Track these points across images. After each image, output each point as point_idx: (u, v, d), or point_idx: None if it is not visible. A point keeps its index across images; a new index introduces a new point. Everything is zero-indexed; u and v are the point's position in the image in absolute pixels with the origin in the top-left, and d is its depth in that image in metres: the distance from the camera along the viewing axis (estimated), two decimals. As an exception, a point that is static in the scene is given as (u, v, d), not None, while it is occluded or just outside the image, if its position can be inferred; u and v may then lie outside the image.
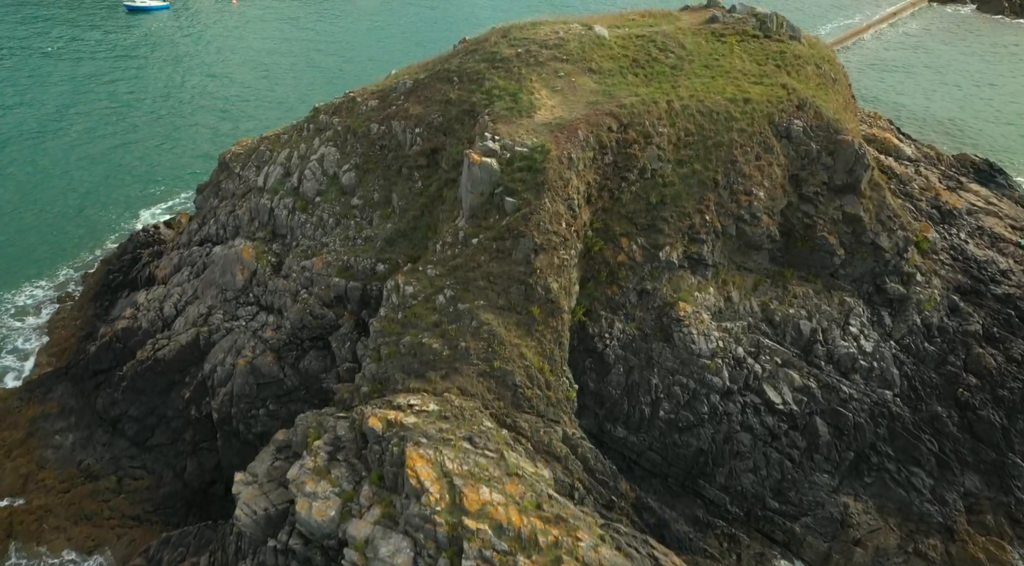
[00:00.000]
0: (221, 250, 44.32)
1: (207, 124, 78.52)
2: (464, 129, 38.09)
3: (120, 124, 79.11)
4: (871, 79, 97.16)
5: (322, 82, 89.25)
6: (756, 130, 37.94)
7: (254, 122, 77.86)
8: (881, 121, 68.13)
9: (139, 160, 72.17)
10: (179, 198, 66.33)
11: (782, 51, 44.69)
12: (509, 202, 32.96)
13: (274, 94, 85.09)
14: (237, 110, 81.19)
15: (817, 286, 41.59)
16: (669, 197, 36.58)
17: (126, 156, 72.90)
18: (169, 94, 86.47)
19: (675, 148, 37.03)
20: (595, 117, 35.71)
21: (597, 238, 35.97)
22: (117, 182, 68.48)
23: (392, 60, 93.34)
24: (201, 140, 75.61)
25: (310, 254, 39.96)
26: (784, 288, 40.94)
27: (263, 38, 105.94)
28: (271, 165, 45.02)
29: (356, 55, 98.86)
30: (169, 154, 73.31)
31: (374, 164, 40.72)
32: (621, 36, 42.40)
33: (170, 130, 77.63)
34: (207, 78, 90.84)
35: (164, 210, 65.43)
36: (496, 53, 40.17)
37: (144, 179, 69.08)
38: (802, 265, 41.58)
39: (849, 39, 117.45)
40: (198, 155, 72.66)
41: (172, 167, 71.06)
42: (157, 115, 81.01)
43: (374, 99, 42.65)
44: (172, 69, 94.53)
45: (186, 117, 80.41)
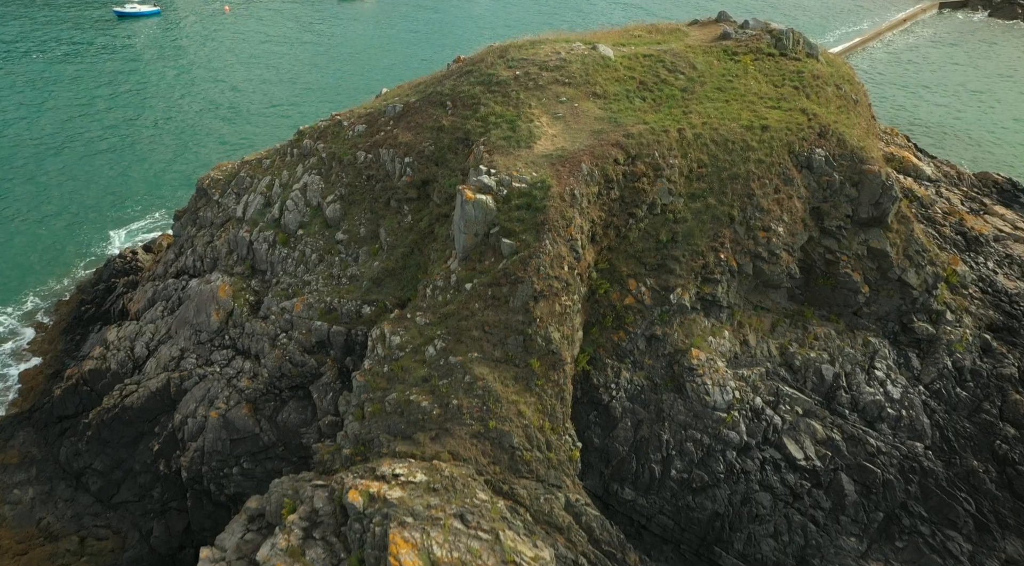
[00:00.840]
0: (197, 284, 41.61)
1: (194, 140, 75.96)
2: (457, 159, 35.40)
3: (100, 138, 76.58)
4: (881, 89, 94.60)
5: (314, 94, 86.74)
6: (775, 161, 35.23)
7: (242, 137, 75.31)
8: (898, 138, 65.43)
9: (120, 176, 69.59)
10: (161, 217, 63.64)
11: (799, 71, 42.02)
12: (506, 244, 30.24)
13: (264, 107, 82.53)
14: (226, 124, 78.59)
15: (839, 326, 38.90)
16: (681, 234, 33.86)
17: (106, 172, 70.34)
18: (155, 107, 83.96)
19: (687, 181, 34.32)
20: (600, 148, 33.00)
21: (602, 280, 33.25)
22: (95, 200, 65.90)
23: (388, 70, 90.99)
24: (187, 156, 73.07)
25: (291, 293, 37.22)
26: (804, 329, 38.25)
27: (255, 48, 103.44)
28: (251, 193, 42.31)
29: (350, 67, 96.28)
30: (152, 170, 70.75)
31: (360, 195, 38.01)
32: (627, 56, 39.72)
33: (154, 145, 75.09)
34: (195, 90, 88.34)
35: (147, 226, 62.88)
36: (492, 75, 37.49)
37: (125, 197, 66.51)
38: (823, 303, 38.89)
39: (858, 47, 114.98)
40: (183, 172, 70.06)
41: (155, 184, 68.47)
42: (141, 129, 78.47)
43: (361, 123, 39.96)
44: (159, 80, 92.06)
45: (172, 132, 77.87)
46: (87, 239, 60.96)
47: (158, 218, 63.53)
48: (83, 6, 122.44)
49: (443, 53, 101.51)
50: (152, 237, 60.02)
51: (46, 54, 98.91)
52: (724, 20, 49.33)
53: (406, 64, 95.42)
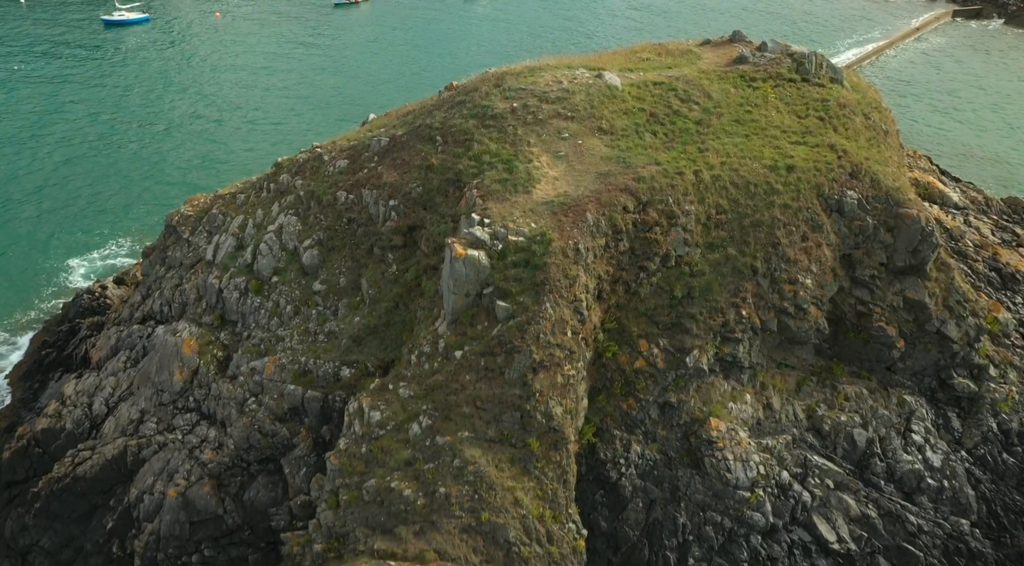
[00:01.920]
0: (164, 333, 38.26)
1: (175, 158, 72.56)
2: (448, 203, 32.08)
3: (75, 154, 73.30)
4: (895, 102, 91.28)
5: (301, 113, 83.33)
6: (802, 205, 31.91)
7: (224, 157, 72.03)
8: (921, 160, 62.11)
9: (96, 196, 66.14)
10: (137, 241, 60.19)
11: (824, 99, 38.74)
12: (501, 307, 26.88)
13: (249, 126, 79.23)
14: (208, 144, 75.21)
15: (871, 383, 35.55)
16: (698, 289, 30.51)
17: (83, 191, 66.93)
18: (136, 121, 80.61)
19: (704, 229, 30.98)
20: (607, 194, 29.68)
21: (610, 342, 29.92)
22: (70, 222, 62.62)
23: (379, 87, 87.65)
24: (168, 175, 69.64)
25: (263, 350, 33.84)
26: (833, 388, 34.89)
27: (243, 59, 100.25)
28: (223, 234, 38.97)
29: (340, 80, 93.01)
30: (132, 190, 67.29)
31: (340, 241, 34.68)
32: (636, 85, 36.42)
33: (134, 163, 71.69)
34: (179, 105, 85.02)
35: (125, 249, 59.53)
36: (487, 107, 34.19)
37: (100, 219, 63.13)
38: (853, 358, 35.55)
39: (871, 57, 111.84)
40: (163, 193, 66.60)
41: (135, 205, 64.98)
42: (120, 146, 75.13)
43: (343, 158, 36.64)
44: (141, 93, 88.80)
45: (153, 149, 74.46)
46: (58, 265, 57.72)
47: (134, 242, 60.15)
48: (69, 13, 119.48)
49: (439, 63, 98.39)
50: (129, 264, 56.62)
51: (27, 63, 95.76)
52: (739, 41, 46.05)
53: (398, 79, 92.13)
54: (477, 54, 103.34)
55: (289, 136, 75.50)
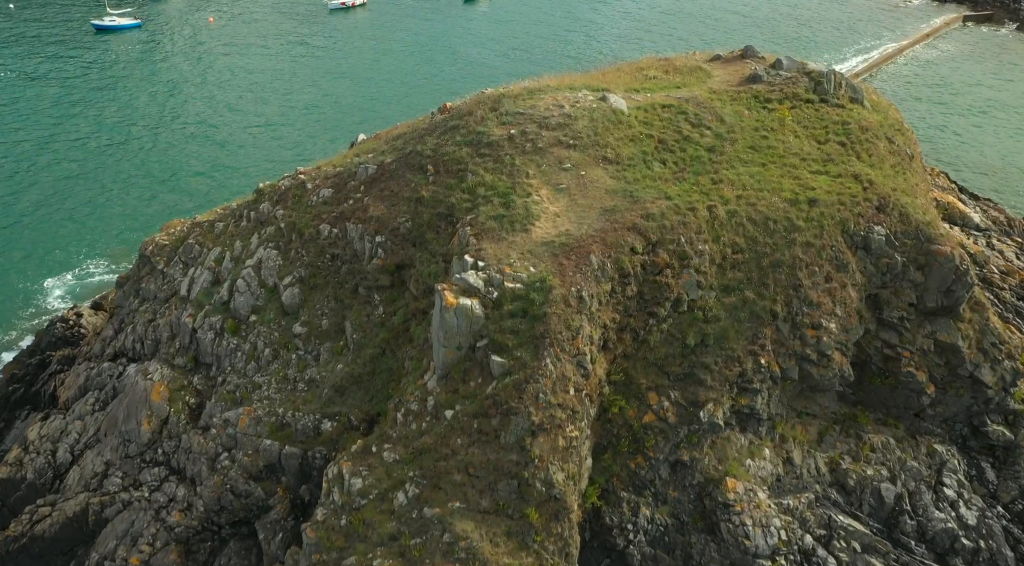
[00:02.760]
0: (135, 373, 35.82)
1: (164, 173, 70.01)
2: (439, 240, 29.62)
3: (60, 167, 70.80)
4: (907, 111, 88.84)
5: (297, 123, 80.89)
6: (826, 243, 29.43)
7: (212, 173, 69.51)
8: (940, 178, 59.64)
9: (76, 212, 63.65)
10: (118, 263, 57.73)
11: (845, 122, 36.32)
12: (496, 363, 24.39)
13: (242, 138, 76.59)
14: (195, 159, 72.67)
15: (899, 431, 33.09)
16: (712, 337, 28.03)
17: (62, 206, 64.50)
18: (121, 133, 78.16)
19: (720, 271, 28.50)
20: (613, 233, 27.21)
21: (616, 395, 27.41)
22: (47, 241, 60.16)
23: (372, 101, 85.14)
24: (155, 192, 67.04)
25: (238, 398, 31.35)
26: (858, 437, 32.42)
27: (236, 68, 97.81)
28: (199, 267, 36.50)
29: (338, 90, 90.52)
30: (115, 206, 64.79)
31: (323, 279, 32.20)
32: (643, 108, 33.98)
33: (117, 178, 69.15)
34: (167, 115, 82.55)
35: (106, 269, 57.08)
36: (483, 134, 31.74)
37: (79, 238, 60.67)
38: (878, 404, 33.08)
39: (880, 64, 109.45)
40: (148, 212, 64.05)
41: (117, 224, 62.45)
42: (104, 158, 72.60)
43: (328, 187, 34.19)
44: (129, 102, 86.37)
45: (137, 162, 71.96)
46: (34, 286, 55.37)
47: (115, 262, 57.66)
48: (60, 17, 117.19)
49: (436, 70, 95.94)
50: (109, 283, 54.04)
51: (12, 71, 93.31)
52: (751, 57, 43.66)
53: (393, 90, 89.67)
54: (477, 60, 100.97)
55: (278, 152, 73.13)
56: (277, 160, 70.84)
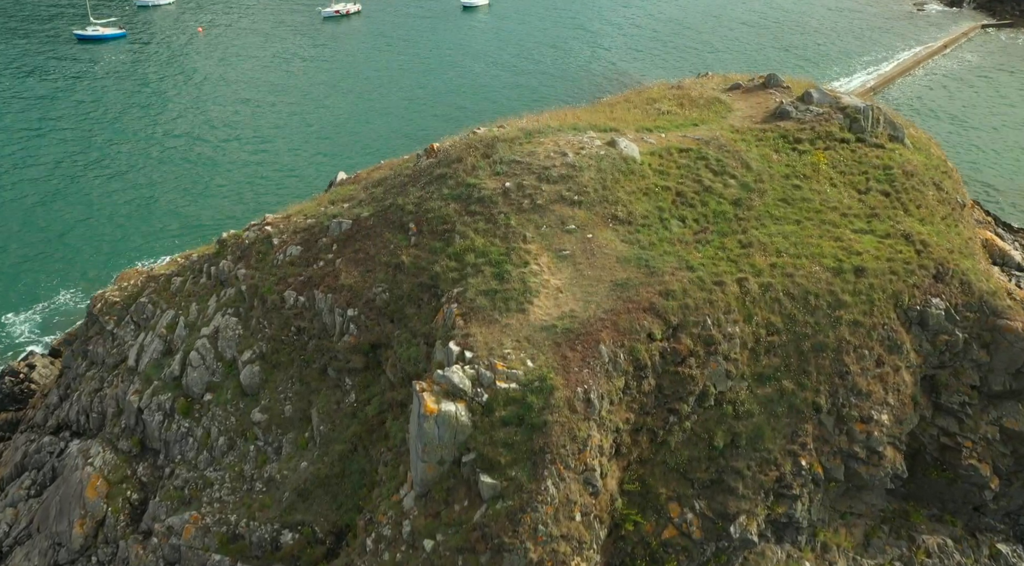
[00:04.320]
0: (76, 454, 31.70)
1: (138, 198, 65.67)
2: (421, 317, 25.44)
3: (32, 189, 66.54)
4: (928, 127, 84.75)
5: (287, 141, 76.44)
6: (877, 321, 25.26)
7: (191, 201, 65.27)
8: (976, 211, 55.43)
9: (42, 240, 59.41)
10: (83, 296, 53.51)
11: (887, 166, 32.27)
12: (486, 485, 20.17)
13: (222, 164, 72.22)
14: (175, 183, 68.17)
15: (956, 529, 28.91)
16: (745, 436, 23.84)
17: (27, 232, 60.30)
18: (99, 153, 73.90)
19: (752, 356, 24.31)
20: (627, 316, 23.02)
21: (630, 508, 23.14)
22: (9, 271, 55.91)
23: (361, 128, 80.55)
24: (136, 216, 62.76)
25: (187, 496, 27.16)
26: (910, 539, 28.23)
27: (220, 82, 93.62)
28: (149, 333, 32.32)
29: (331, 105, 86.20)
30: (85, 233, 60.44)
31: (287, 356, 28.07)
32: (657, 153, 29.86)
33: (99, 201, 64.80)
34: (151, 134, 78.18)
35: (72, 305, 52.90)
36: (473, 187, 27.61)
37: (44, 269, 56.44)
38: (933, 498, 28.95)
39: (897, 78, 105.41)
40: (121, 240, 59.75)
41: (86, 253, 58.23)
42: (75, 180, 68.32)
43: (296, 243, 30.05)
44: (115, 117, 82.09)
45: (113, 187, 67.53)
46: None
47: (82, 295, 53.44)
48: (42, 27, 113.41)
49: (433, 87, 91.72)
50: (75, 320, 49.78)
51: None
52: (775, 86, 39.54)
53: (385, 108, 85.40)
54: (475, 72, 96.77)
55: (259, 175, 68.89)
56: (258, 184, 66.80)
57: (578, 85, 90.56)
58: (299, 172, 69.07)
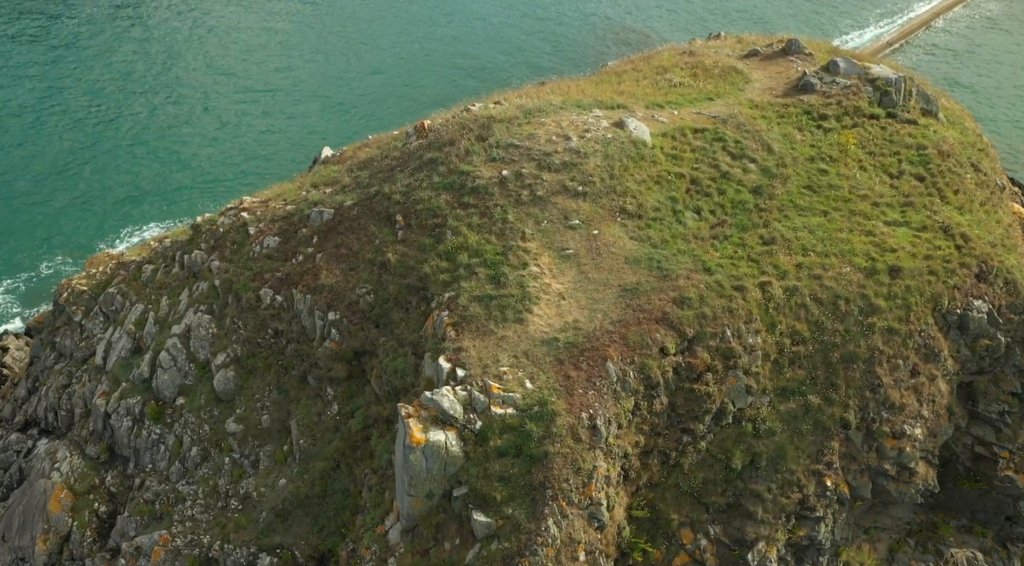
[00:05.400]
0: (43, 456, 29.88)
1: (125, 162, 62.36)
2: (408, 323, 23.27)
3: (11, 149, 63.43)
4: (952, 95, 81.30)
5: (270, 113, 72.67)
6: (914, 328, 23.10)
7: (175, 170, 62.30)
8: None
9: (25, 207, 56.71)
10: (70, 264, 51.25)
11: (921, 146, 29.75)
12: (480, 523, 18.22)
13: (213, 124, 68.73)
14: (160, 154, 64.63)
15: (985, 540, 27.24)
16: (765, 456, 21.89)
17: (12, 195, 57.55)
18: (88, 109, 69.99)
19: (775, 369, 22.20)
20: (637, 328, 20.85)
21: (639, 536, 21.27)
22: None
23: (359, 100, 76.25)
24: (126, 178, 59.80)
25: (157, 511, 25.39)
26: (937, 553, 26.61)
27: (228, 23, 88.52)
28: (117, 328, 30.18)
29: (315, 73, 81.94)
30: (67, 200, 57.58)
31: (264, 361, 25.99)
32: (669, 134, 27.34)
33: (86, 162, 61.68)
34: (137, 98, 73.83)
35: (57, 273, 50.59)
36: (466, 175, 25.16)
37: (28, 237, 53.88)
38: (963, 508, 27.21)
39: (909, 35, 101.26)
40: (106, 206, 57.01)
41: (70, 220, 55.55)
42: (67, 139, 64.74)
43: (274, 233, 27.71)
44: (101, 73, 77.56)
45: (110, 145, 64.11)
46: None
47: (70, 264, 51.08)
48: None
49: (428, 47, 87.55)
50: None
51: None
52: (796, 53, 36.66)
53: (386, 70, 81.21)
54: (473, 31, 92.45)
55: (243, 151, 65.21)
56: (243, 155, 63.72)
57: (582, 45, 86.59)
58: (283, 142, 65.78)
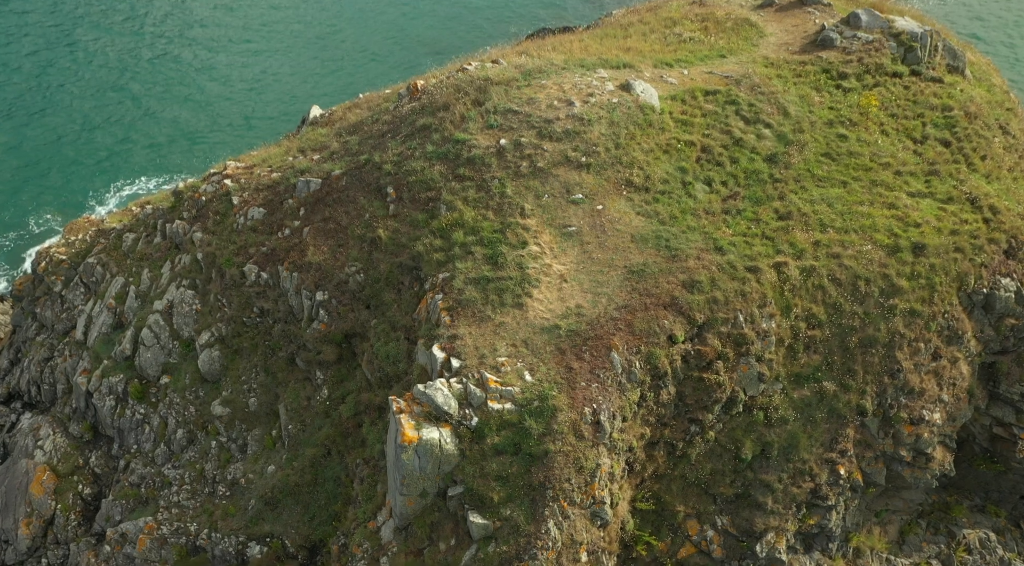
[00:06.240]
0: (27, 430, 29.23)
1: (115, 125, 60.36)
2: (401, 305, 22.14)
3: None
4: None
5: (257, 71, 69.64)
6: (937, 309, 21.96)
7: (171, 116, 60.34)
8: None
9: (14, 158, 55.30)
10: (59, 220, 50.11)
11: (946, 107, 28.17)
12: (477, 525, 17.40)
13: (207, 79, 66.20)
14: (151, 110, 62.40)
15: (999, 520, 26.66)
16: (777, 446, 21.01)
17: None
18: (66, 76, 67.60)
19: (789, 354, 21.15)
20: (644, 314, 19.73)
21: (643, 529, 20.53)
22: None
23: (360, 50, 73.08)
24: (103, 147, 58.07)
25: (143, 496, 24.69)
26: (949, 535, 26.01)
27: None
28: (98, 302, 29.08)
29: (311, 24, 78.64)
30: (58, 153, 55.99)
31: (250, 341, 24.93)
32: (679, 97, 25.79)
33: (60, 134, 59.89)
34: (127, 53, 71.18)
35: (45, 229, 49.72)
36: (463, 143, 23.71)
37: (18, 191, 52.63)
38: (977, 488, 26.52)
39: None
40: (96, 158, 55.56)
41: (61, 172, 54.15)
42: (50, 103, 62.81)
43: (259, 204, 26.36)
44: (82, 35, 75.17)
45: (89, 114, 62.07)
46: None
47: (58, 220, 49.92)
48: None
49: None
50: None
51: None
52: (814, 3, 34.64)
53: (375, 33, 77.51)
54: None
55: (233, 105, 62.94)
56: (232, 112, 61.53)
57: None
58: (273, 96, 63.39)
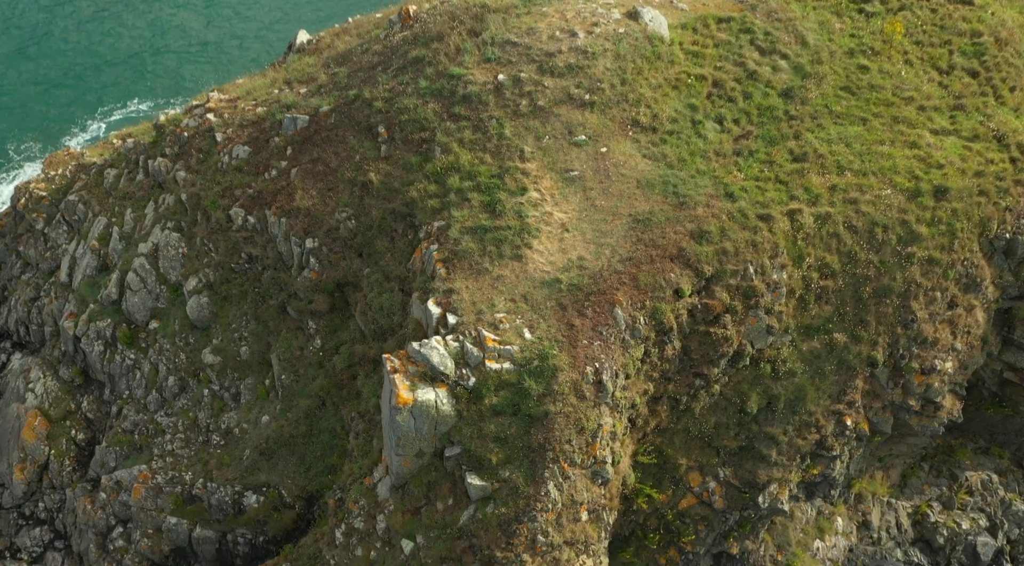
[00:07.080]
0: (18, 371, 29.13)
1: (98, 46, 57.39)
2: (394, 254, 21.43)
3: None
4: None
5: None
6: (957, 257, 21.22)
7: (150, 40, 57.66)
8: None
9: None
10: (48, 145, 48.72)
11: (976, 32, 26.70)
12: (475, 487, 17.20)
13: None
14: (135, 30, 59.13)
15: (1001, 462, 26.75)
16: (784, 399, 20.68)
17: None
18: None
19: (800, 305, 20.55)
20: (649, 267, 19.03)
21: (644, 482, 20.41)
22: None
23: None
24: (85, 69, 55.44)
25: (136, 442, 24.61)
26: (951, 477, 26.27)
27: None
28: (81, 242, 28.32)
29: None
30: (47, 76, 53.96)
31: (239, 288, 24.33)
32: (690, 26, 24.39)
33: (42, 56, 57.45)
34: None
35: None
36: (458, 79, 22.47)
37: None
38: (981, 431, 26.47)
39: None
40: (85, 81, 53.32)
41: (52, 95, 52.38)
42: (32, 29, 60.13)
43: (243, 142, 25.27)
44: None
45: (72, 35, 59.07)
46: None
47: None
48: None
49: None
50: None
51: None
52: (838, -86, 32.37)
53: None
54: None
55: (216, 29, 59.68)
56: (224, 22, 58.56)
57: None
58: (258, 23, 60.03)
